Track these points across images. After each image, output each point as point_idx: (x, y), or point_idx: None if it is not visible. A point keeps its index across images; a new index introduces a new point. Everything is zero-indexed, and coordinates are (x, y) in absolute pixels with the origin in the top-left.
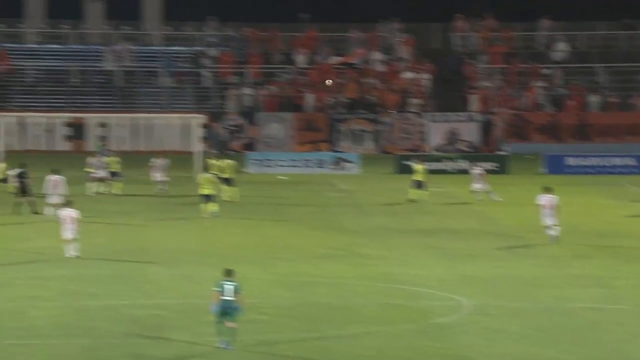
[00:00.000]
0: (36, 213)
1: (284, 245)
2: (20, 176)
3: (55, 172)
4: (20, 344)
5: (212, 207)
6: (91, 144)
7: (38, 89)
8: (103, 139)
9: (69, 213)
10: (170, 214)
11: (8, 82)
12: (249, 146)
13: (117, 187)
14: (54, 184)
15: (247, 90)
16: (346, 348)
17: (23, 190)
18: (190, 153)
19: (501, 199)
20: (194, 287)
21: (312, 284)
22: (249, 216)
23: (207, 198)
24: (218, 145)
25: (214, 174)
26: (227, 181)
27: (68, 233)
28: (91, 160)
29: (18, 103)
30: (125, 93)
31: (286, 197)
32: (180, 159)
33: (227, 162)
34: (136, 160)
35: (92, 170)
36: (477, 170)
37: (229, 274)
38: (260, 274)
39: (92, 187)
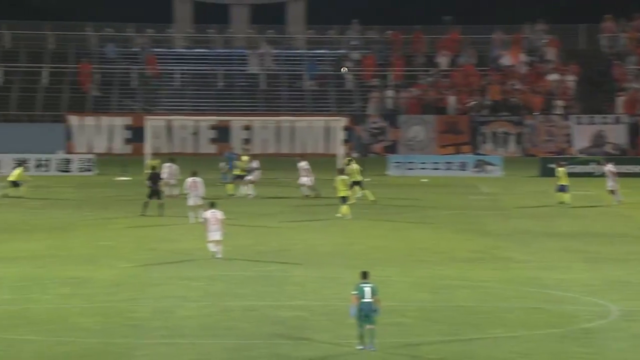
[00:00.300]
0: (161, 216)
1: (425, 248)
2: (152, 179)
3: (194, 174)
4: (167, 343)
5: (345, 209)
6: (235, 146)
7: (185, 92)
8: (247, 141)
9: (214, 214)
10: (313, 215)
11: (157, 86)
12: (391, 149)
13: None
14: (192, 185)
15: (389, 93)
16: (490, 352)
17: (154, 192)
18: (332, 155)
19: (622, 199)
20: (336, 289)
21: (454, 287)
22: (391, 218)
23: (344, 200)
24: (360, 148)
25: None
26: (357, 184)
27: (213, 234)
28: (241, 163)
29: (166, 106)
30: (269, 96)
31: (428, 199)
32: (323, 162)
33: (352, 167)
34: (279, 163)
35: (243, 173)
36: (608, 167)
37: (365, 276)
38: (402, 277)
39: (242, 190)
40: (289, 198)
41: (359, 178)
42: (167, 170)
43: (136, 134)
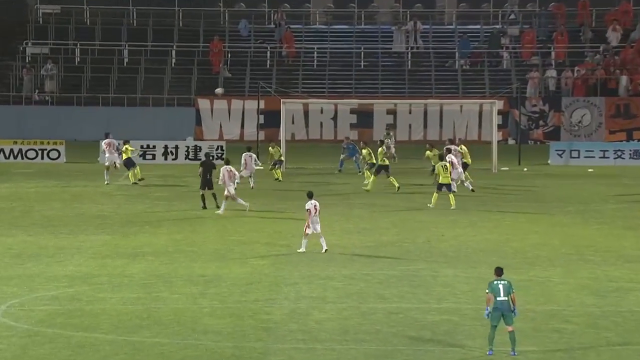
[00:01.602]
0: (218, 207)
1: (591, 246)
2: (204, 166)
3: (228, 162)
4: (303, 348)
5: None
6: (378, 133)
7: (323, 73)
8: (391, 127)
9: (314, 205)
10: (463, 208)
11: (293, 66)
12: (552, 135)
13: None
14: (229, 176)
15: (551, 73)
16: None
17: (205, 182)
18: (486, 143)
19: None
20: None
21: (624, 290)
22: (552, 212)
23: (446, 187)
24: (517, 134)
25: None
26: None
27: (316, 226)
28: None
29: (302, 88)
30: (416, 77)
31: (594, 192)
32: (476, 149)
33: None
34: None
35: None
36: None
37: (499, 272)
38: (565, 278)
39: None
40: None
41: (386, 162)
42: (245, 161)
43: (270, 119)
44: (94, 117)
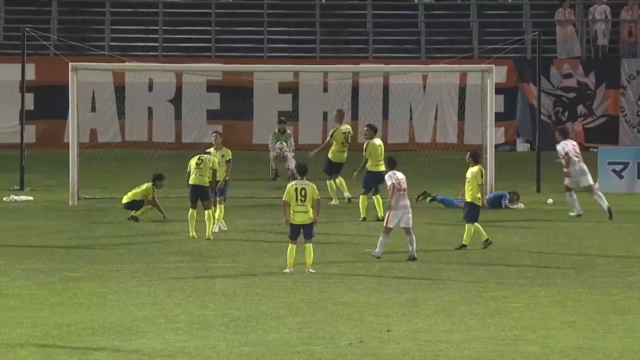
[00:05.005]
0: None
1: None
2: None
3: None
4: None
5: None
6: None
7: (154, 12)
8: (288, 117)
9: None
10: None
11: None
12: (604, 134)
13: None
14: None
15: (600, 11)
16: None
17: None
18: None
19: None
20: None
21: None
22: (600, 286)
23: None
24: (534, 132)
25: None
26: None
27: None
28: None
29: (113, 42)
30: (335, 22)
31: None
32: (451, 164)
33: None
34: None
35: None
36: None
37: None
38: None
39: None
40: None
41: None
42: None
43: (47, 101)
44: None
